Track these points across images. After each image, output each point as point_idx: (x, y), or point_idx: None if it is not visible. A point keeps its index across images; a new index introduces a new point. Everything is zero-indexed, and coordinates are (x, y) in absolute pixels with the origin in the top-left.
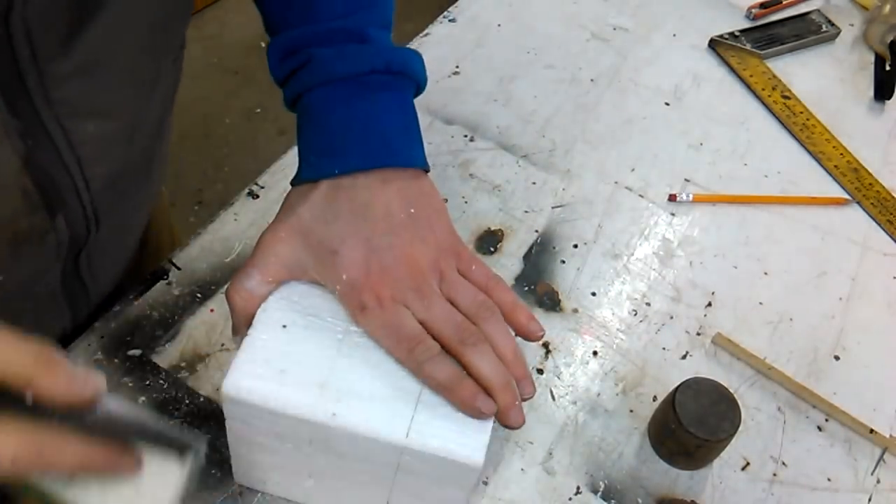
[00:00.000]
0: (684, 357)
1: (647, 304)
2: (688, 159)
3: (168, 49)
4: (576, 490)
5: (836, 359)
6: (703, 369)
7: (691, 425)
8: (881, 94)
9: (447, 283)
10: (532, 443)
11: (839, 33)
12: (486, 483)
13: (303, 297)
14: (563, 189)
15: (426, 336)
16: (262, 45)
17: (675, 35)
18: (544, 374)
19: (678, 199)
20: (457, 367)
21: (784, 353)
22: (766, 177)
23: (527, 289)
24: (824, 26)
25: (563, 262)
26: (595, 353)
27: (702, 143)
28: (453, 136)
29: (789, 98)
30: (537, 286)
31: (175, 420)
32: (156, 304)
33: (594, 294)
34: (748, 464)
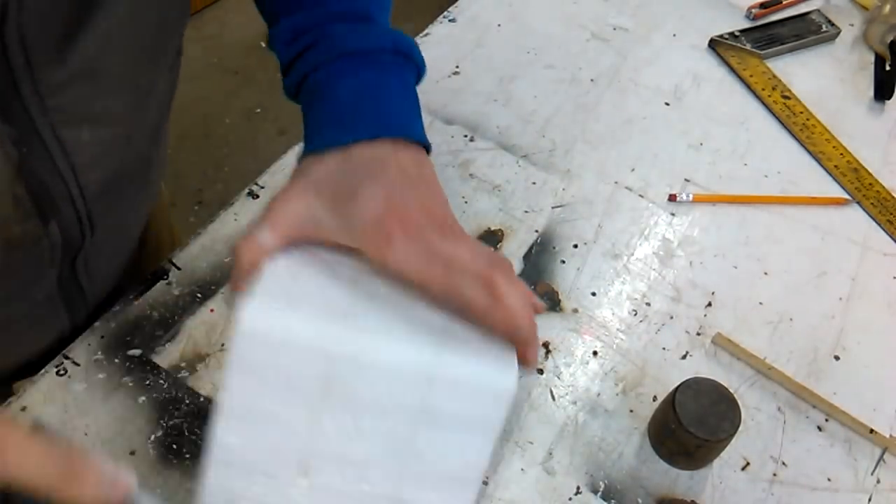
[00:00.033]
0: (684, 357)
1: (647, 304)
2: (688, 159)
3: (164, 56)
4: (576, 490)
5: (836, 359)
6: (703, 369)
7: (691, 425)
8: (881, 94)
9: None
10: (532, 443)
11: (839, 33)
12: (486, 483)
13: (315, 252)
14: (563, 189)
15: (459, 258)
16: (262, 45)
17: (675, 35)
18: (544, 374)
19: (678, 199)
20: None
21: (784, 353)
22: (766, 177)
23: None
24: (824, 26)
25: (563, 262)
26: (595, 353)
27: (702, 143)
28: (453, 136)
29: (789, 98)
30: (537, 286)
31: (175, 420)
32: (156, 304)
33: (594, 294)
34: (748, 464)
